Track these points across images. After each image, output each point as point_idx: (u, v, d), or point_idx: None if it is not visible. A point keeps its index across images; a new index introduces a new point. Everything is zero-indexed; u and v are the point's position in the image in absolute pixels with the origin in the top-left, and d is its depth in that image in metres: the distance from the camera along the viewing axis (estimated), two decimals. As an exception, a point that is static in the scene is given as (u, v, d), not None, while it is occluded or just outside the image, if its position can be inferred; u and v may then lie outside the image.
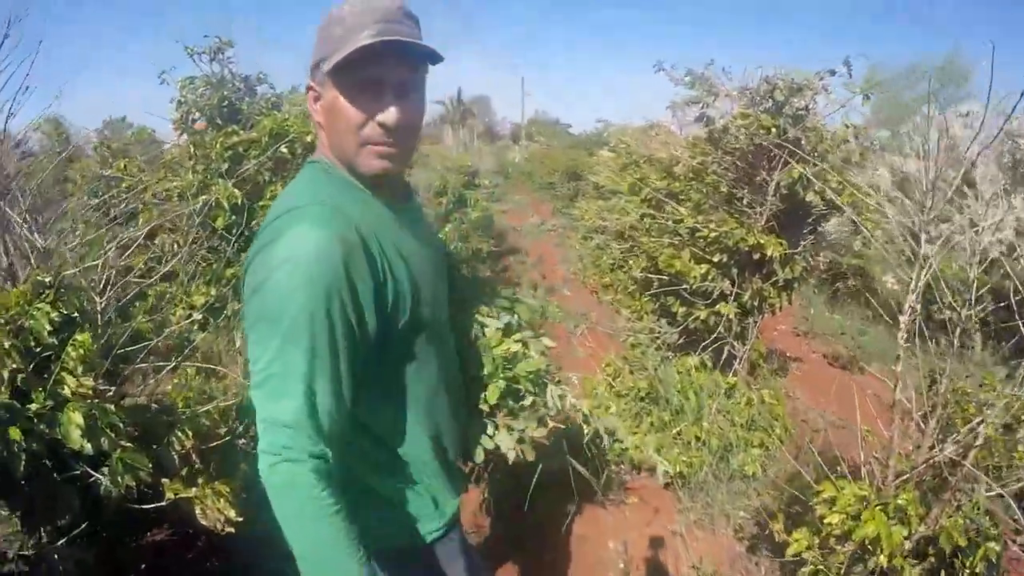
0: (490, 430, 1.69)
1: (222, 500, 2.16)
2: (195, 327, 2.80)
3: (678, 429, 3.51)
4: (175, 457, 2.32)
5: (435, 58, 1.20)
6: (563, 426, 1.87)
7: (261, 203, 3.54)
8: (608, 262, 6.87)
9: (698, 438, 3.49)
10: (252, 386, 1.11)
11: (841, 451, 3.34)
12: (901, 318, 2.21)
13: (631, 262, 5.17)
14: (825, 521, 2.15)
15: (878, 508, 2.06)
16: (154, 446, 2.30)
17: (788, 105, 3.51)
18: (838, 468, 2.94)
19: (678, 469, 3.40)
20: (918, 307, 2.18)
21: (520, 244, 11.44)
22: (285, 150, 3.63)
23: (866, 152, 3.81)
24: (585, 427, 2.08)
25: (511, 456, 1.69)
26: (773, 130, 3.38)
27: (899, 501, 2.06)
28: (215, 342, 3.88)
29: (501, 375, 1.65)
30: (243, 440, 3.76)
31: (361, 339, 1.14)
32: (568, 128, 40.36)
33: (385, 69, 1.14)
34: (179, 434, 2.35)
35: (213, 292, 2.94)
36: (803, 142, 3.47)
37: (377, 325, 1.16)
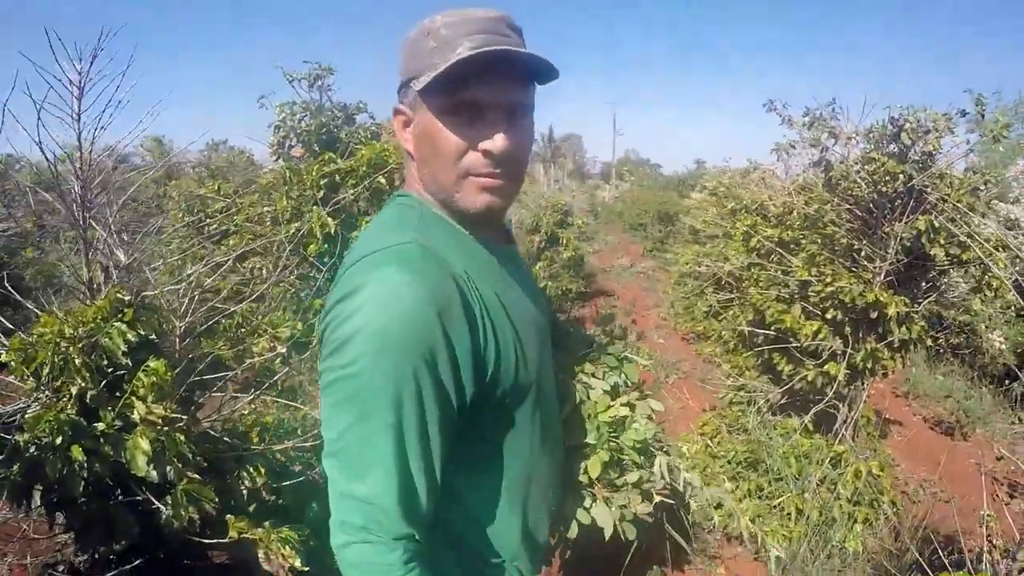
0: (587, 502, 1.55)
1: (288, 547, 2.09)
2: (277, 360, 2.84)
3: (779, 500, 3.32)
4: (244, 492, 2.32)
5: (550, 74, 1.04)
6: (671, 501, 1.74)
7: (355, 233, 3.61)
8: (703, 309, 6.70)
9: (799, 510, 3.30)
10: (326, 454, 0.99)
11: (946, 526, 3.16)
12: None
13: (732, 313, 5.01)
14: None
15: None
16: (223, 479, 2.30)
17: (913, 149, 3.34)
18: (945, 553, 2.74)
19: (775, 542, 3.23)
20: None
21: (609, 286, 11.37)
22: (383, 180, 3.69)
23: (992, 202, 3.58)
24: (692, 501, 1.92)
25: (608, 532, 1.54)
26: (900, 176, 3.20)
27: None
28: (297, 375, 3.96)
29: (605, 445, 1.52)
30: (315, 477, 3.80)
31: (457, 410, 1.00)
32: (659, 168, 40.29)
33: (489, 88, 0.99)
34: (250, 469, 2.33)
35: (300, 326, 2.98)
36: (929, 190, 3.29)
37: (475, 392, 1.02)
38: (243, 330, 3.05)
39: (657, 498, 1.61)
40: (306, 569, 2.09)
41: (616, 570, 2.98)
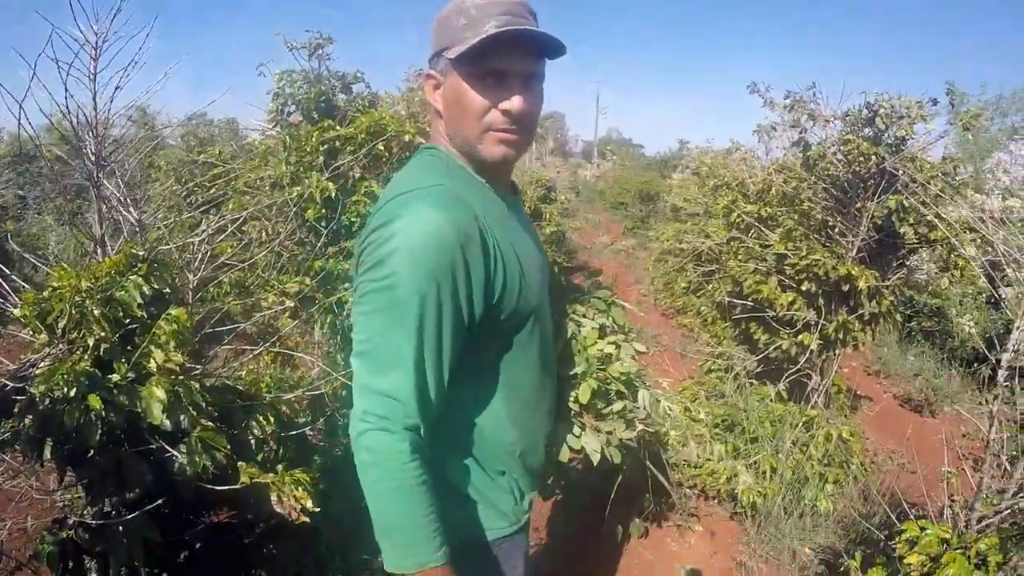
0: (577, 430, 1.73)
1: (300, 488, 2.15)
2: (285, 314, 2.96)
3: (754, 459, 3.54)
4: (252, 441, 2.38)
5: (560, 50, 1.24)
6: (651, 429, 1.95)
7: (354, 198, 3.73)
8: (683, 285, 6.91)
9: (773, 468, 3.52)
10: (353, 354, 1.18)
11: (912, 495, 3.31)
12: (1003, 356, 2.24)
13: (712, 286, 5.22)
14: (905, 561, 2.16)
15: (959, 552, 2.08)
16: (232, 429, 2.34)
17: (887, 133, 3.54)
18: (912, 511, 2.94)
19: (750, 499, 3.44)
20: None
21: (591, 263, 11.54)
22: (381, 148, 3.79)
23: (962, 187, 3.80)
24: (672, 431, 2.13)
25: (596, 458, 1.73)
26: (873, 158, 3.41)
27: (980, 546, 2.08)
28: (296, 333, 4.08)
29: (593, 375, 1.70)
30: (315, 432, 3.93)
31: (467, 324, 1.19)
32: (642, 149, 40.37)
33: (510, 59, 1.20)
34: (259, 419, 2.41)
35: (308, 282, 3.11)
36: (900, 172, 3.49)
37: (483, 313, 1.21)
38: (251, 286, 3.10)
39: (640, 426, 1.80)
40: (317, 509, 2.17)
41: (601, 513, 3.16)
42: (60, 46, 2.16)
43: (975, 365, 6.55)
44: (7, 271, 2.42)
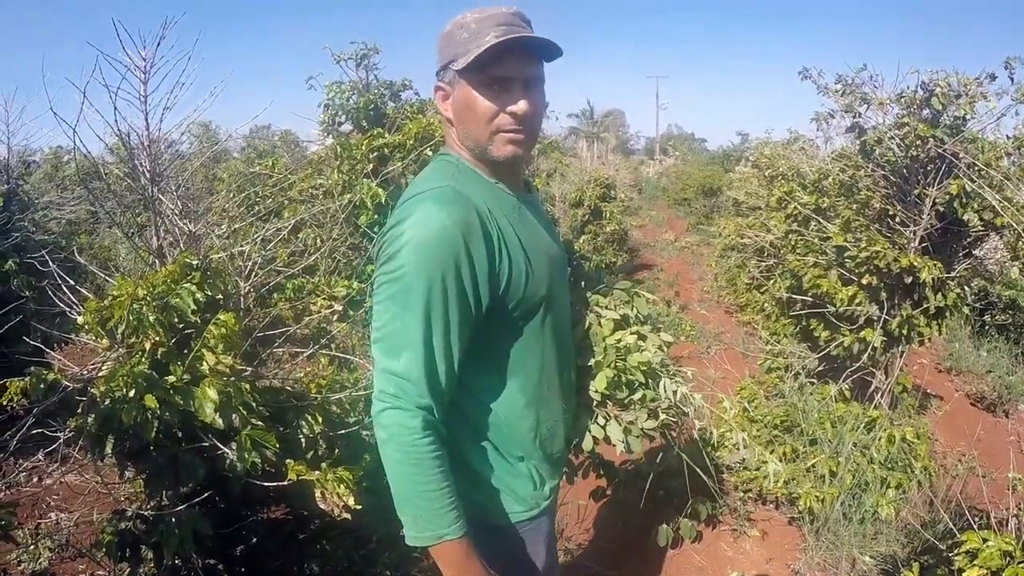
0: (601, 420, 1.77)
1: (343, 486, 2.22)
2: (335, 317, 3.04)
3: (813, 462, 3.42)
4: (302, 440, 2.49)
5: (556, 53, 1.37)
6: (675, 419, 1.92)
7: (403, 202, 3.80)
8: (745, 281, 6.75)
9: (832, 473, 3.40)
10: (372, 341, 1.30)
11: (980, 501, 3.17)
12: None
13: (772, 282, 5.07)
14: (964, 575, 2.07)
15: (1021, 566, 1.96)
16: (283, 428, 2.47)
17: (945, 114, 3.36)
18: (977, 520, 2.77)
19: (808, 504, 3.32)
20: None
21: (654, 260, 11.41)
22: (430, 152, 3.85)
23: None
24: (697, 421, 2.07)
25: (620, 447, 1.76)
26: (931, 141, 3.24)
27: (1046, 559, 1.96)
28: (351, 335, 4.18)
29: (611, 364, 1.73)
30: (368, 432, 4.02)
31: (474, 312, 1.30)
32: (703, 143, 39.61)
33: (512, 66, 1.32)
34: (308, 418, 2.52)
35: (355, 285, 3.19)
36: (961, 155, 3.32)
37: (489, 301, 1.32)
38: (302, 292, 3.20)
39: (663, 416, 1.81)
40: (359, 507, 2.24)
41: (652, 515, 3.10)
42: (112, 72, 2.31)
43: (1053, 360, 6.16)
44: (70, 282, 2.57)
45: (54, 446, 2.22)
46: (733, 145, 19.17)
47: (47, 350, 2.81)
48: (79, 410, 2.16)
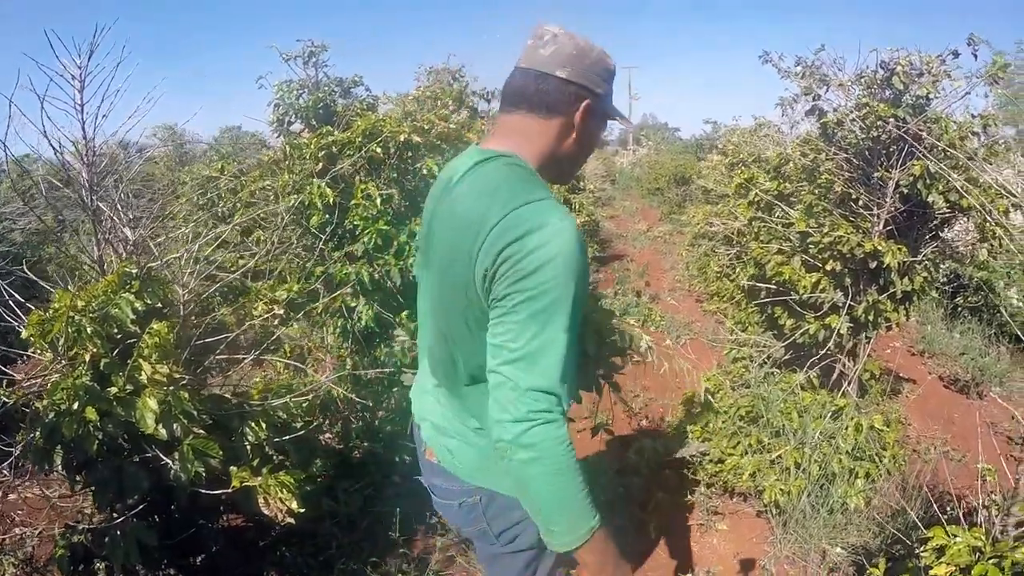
0: None
1: (285, 491, 2.21)
2: (276, 322, 2.87)
3: (778, 453, 3.27)
4: (248, 447, 2.43)
5: None
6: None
7: (353, 202, 3.61)
8: (715, 269, 6.61)
9: (798, 464, 3.25)
10: (507, 360, 1.23)
11: (954, 489, 3.11)
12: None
13: (738, 269, 4.92)
14: (931, 573, 1.91)
15: (992, 562, 1.81)
16: (231, 436, 2.43)
17: (907, 93, 3.20)
18: (948, 509, 2.64)
19: (773, 497, 3.18)
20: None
21: (625, 251, 11.29)
22: (378, 150, 3.69)
23: (995, 148, 3.41)
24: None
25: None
26: (892, 121, 3.08)
27: (1017, 555, 1.80)
28: (308, 338, 3.99)
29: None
30: (328, 435, 3.85)
31: None
32: (677, 132, 39.61)
33: None
34: (252, 425, 2.46)
35: (295, 288, 3.01)
36: (924, 136, 3.15)
37: None
38: (243, 298, 3.13)
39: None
40: (302, 511, 2.22)
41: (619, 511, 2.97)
42: (45, 81, 2.25)
43: (1025, 341, 6.07)
44: (17, 296, 2.50)
45: (8, 460, 2.19)
46: (705, 134, 19.05)
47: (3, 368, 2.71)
48: (23, 424, 2.16)
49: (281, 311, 2.94)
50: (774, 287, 3.95)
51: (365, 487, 3.50)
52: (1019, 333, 5.57)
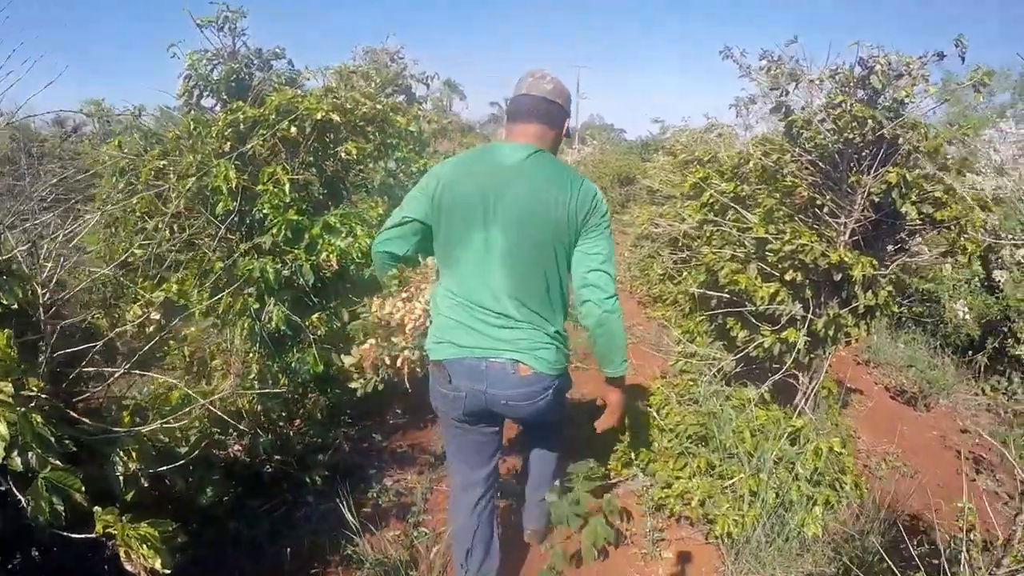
0: None
1: (145, 546, 1.75)
2: (151, 328, 2.37)
3: (732, 481, 2.94)
4: (121, 479, 1.98)
5: None
6: None
7: (259, 187, 3.13)
8: (658, 273, 6.31)
9: (753, 492, 2.94)
10: (602, 260, 2.08)
11: (910, 506, 3.07)
12: None
13: (686, 274, 4.60)
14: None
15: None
16: (102, 466, 1.97)
17: (883, 95, 2.91)
18: (915, 544, 2.41)
19: (725, 528, 2.86)
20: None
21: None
22: (293, 129, 3.21)
23: (969, 160, 3.17)
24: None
25: None
26: (869, 123, 2.78)
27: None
28: (212, 341, 3.48)
29: None
30: (237, 447, 3.35)
31: None
32: (623, 133, 39.85)
33: None
34: (121, 453, 2.00)
35: (174, 288, 2.51)
36: (901, 141, 2.87)
37: None
38: (117, 297, 2.62)
39: None
40: (167, 572, 1.77)
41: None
42: None
43: (970, 353, 6.07)
44: None
45: None
46: (652, 135, 18.93)
47: None
48: None
49: (158, 315, 2.44)
50: (727, 296, 3.63)
51: (275, 507, 3.08)
52: (964, 344, 5.47)
